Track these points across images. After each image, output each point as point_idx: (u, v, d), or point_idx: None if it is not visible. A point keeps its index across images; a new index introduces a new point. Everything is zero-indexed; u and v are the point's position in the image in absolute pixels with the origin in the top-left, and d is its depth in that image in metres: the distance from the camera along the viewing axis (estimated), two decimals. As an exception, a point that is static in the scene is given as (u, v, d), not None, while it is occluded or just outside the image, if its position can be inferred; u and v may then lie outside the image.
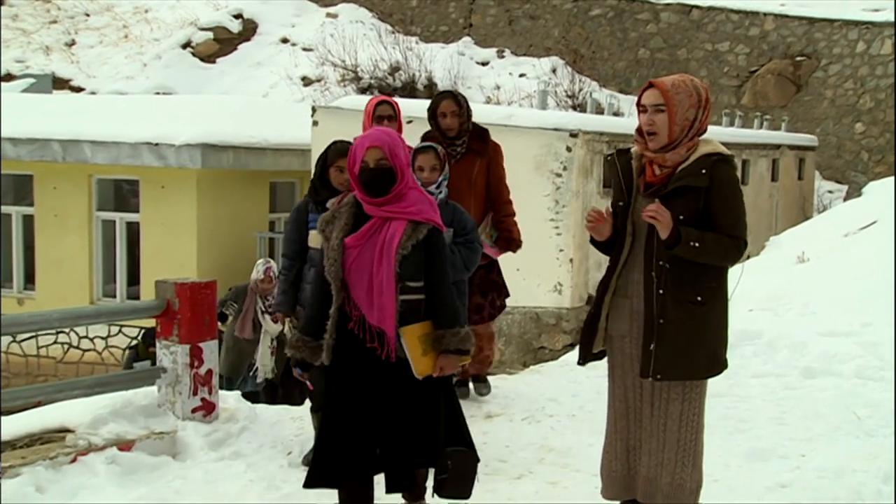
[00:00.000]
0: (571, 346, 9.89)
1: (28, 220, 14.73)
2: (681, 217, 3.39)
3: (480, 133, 5.72)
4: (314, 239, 4.48)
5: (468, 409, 5.95)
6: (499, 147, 5.81)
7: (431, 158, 4.73)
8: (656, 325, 3.44)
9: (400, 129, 5.04)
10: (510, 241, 5.81)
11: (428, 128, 5.84)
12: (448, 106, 5.58)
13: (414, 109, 11.04)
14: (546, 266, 10.40)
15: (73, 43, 27.22)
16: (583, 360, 3.73)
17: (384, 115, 5.28)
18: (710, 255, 3.43)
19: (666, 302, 3.43)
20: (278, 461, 4.87)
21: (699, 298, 3.46)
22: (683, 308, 3.44)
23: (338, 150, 4.66)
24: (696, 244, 3.37)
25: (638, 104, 3.50)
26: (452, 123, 5.57)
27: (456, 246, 4.68)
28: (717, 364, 3.55)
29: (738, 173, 14.42)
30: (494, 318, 5.98)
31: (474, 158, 5.66)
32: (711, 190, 3.43)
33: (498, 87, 23.06)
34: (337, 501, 3.67)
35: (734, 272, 4.09)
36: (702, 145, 3.49)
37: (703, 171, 3.42)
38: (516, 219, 5.94)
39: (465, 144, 5.62)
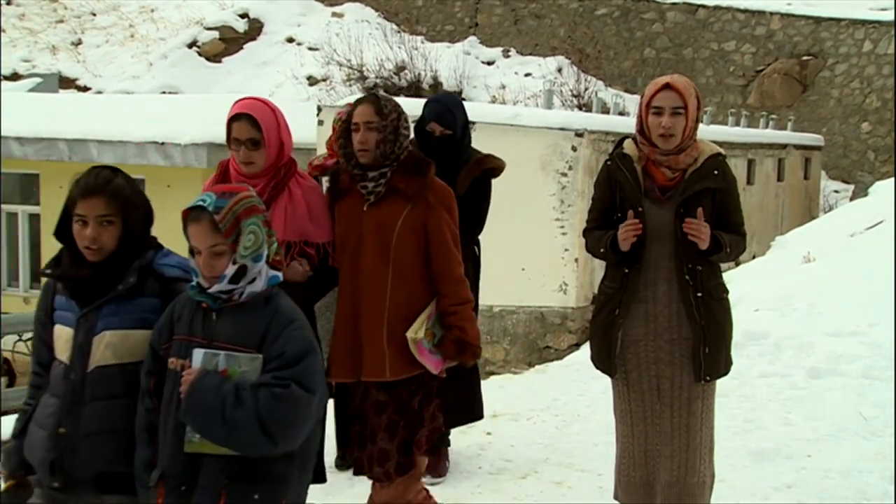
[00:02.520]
0: (577, 345, 9.88)
1: (34, 220, 14.76)
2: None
3: (418, 164, 3.52)
4: (62, 340, 2.79)
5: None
6: (447, 192, 3.59)
7: (204, 230, 2.58)
8: (701, 328, 3.48)
9: (277, 159, 3.47)
10: (462, 344, 3.52)
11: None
12: (363, 113, 3.50)
13: (419, 108, 11.03)
14: (551, 265, 10.38)
15: (79, 42, 27.27)
16: (614, 371, 3.59)
17: (242, 139, 3.44)
18: (732, 256, 3.54)
19: (704, 303, 3.49)
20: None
21: (722, 295, 3.57)
22: (716, 307, 3.52)
23: (81, 188, 2.74)
24: (729, 249, 3.46)
25: (648, 104, 3.44)
26: (366, 141, 3.46)
27: (258, 388, 2.52)
28: (731, 358, 3.65)
29: (744, 173, 14.34)
30: (409, 471, 3.53)
31: (398, 206, 3.47)
32: (724, 189, 3.52)
33: (503, 87, 23.05)
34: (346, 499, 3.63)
35: None
36: (699, 145, 3.53)
37: (716, 171, 3.47)
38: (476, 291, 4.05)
39: (386, 180, 3.47)
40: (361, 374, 3.49)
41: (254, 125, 3.41)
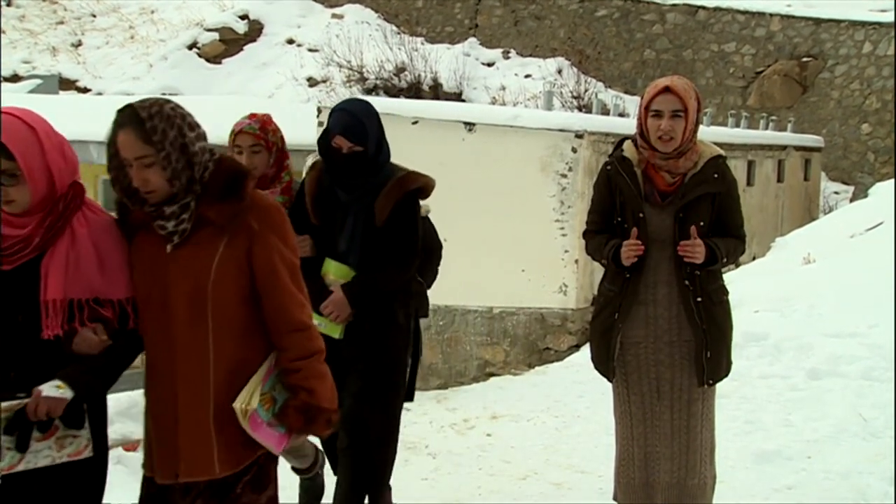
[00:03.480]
0: (577, 347, 9.88)
1: (34, 221, 14.76)
2: (702, 223, 3.45)
3: (230, 181, 2.68)
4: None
5: (471, 409, 5.97)
6: (275, 212, 2.74)
7: None
8: (703, 331, 3.48)
9: (50, 192, 2.62)
10: (310, 411, 2.67)
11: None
12: (127, 146, 2.62)
13: (419, 110, 11.04)
14: (551, 267, 10.39)
15: (79, 44, 27.28)
16: (612, 374, 3.59)
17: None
18: (730, 261, 3.54)
19: (705, 307, 3.49)
20: (283, 464, 4.87)
21: (722, 299, 3.56)
22: (716, 310, 3.52)
23: None
24: (725, 258, 3.47)
25: (647, 107, 3.43)
26: (148, 181, 2.60)
27: None
28: (731, 360, 3.64)
29: (744, 174, 14.31)
30: None
31: (211, 241, 2.66)
32: (724, 192, 3.51)
33: (503, 88, 23.06)
34: None
35: None
36: (699, 147, 3.53)
37: (716, 175, 3.47)
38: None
39: (189, 213, 2.64)
40: (179, 472, 2.64)
41: (5, 154, 2.55)
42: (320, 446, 4.17)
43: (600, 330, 3.60)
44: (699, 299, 3.48)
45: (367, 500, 3.85)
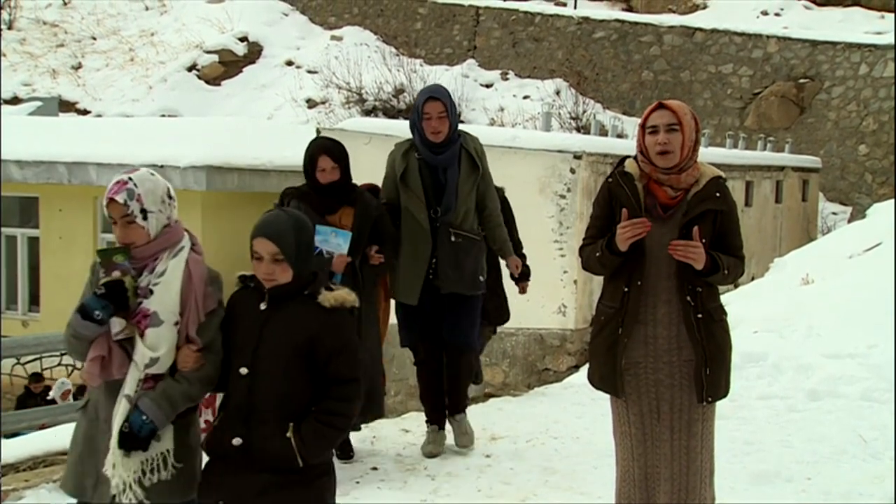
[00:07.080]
0: (576, 367, 9.86)
1: (33, 242, 14.76)
2: (703, 241, 3.43)
3: None
4: None
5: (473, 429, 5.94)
6: None
7: None
8: (702, 348, 3.47)
9: None
10: None
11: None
12: None
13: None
14: (550, 287, 10.38)
15: (79, 66, 27.39)
16: (621, 389, 3.55)
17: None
18: (730, 278, 3.52)
19: (705, 325, 3.48)
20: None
21: (722, 317, 3.56)
22: (716, 328, 3.52)
23: None
24: (727, 271, 3.45)
25: (644, 125, 3.48)
26: None
27: None
28: (730, 380, 3.63)
29: (742, 195, 14.27)
30: None
31: None
32: (725, 212, 3.51)
33: (502, 109, 23.14)
34: None
35: None
36: (700, 167, 3.55)
37: (718, 194, 3.48)
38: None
39: None
40: None
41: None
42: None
43: (604, 347, 3.58)
44: (700, 316, 3.47)
45: None
